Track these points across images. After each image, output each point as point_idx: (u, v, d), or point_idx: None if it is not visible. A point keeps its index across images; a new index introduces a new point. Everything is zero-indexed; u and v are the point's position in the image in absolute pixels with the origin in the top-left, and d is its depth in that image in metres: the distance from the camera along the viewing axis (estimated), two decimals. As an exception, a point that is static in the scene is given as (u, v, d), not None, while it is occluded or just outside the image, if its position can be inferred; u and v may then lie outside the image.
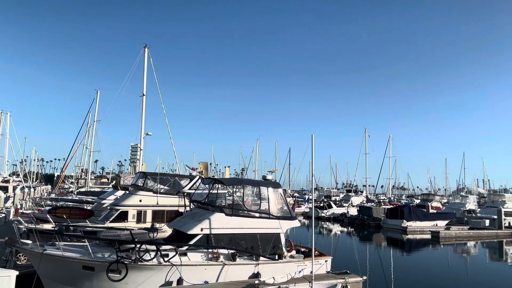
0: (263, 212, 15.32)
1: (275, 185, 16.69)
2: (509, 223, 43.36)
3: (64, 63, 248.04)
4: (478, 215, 50.55)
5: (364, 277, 15.88)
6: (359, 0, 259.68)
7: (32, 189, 50.82)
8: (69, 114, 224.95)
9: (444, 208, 63.88)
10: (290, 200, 57.24)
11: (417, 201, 77.88)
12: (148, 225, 20.22)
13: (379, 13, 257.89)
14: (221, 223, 14.24)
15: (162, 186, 24.26)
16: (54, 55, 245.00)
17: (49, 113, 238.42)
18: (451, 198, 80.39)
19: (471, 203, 59.86)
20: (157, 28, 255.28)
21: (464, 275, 22.92)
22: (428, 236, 38.77)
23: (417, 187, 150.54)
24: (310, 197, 73.78)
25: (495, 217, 43.81)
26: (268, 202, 15.53)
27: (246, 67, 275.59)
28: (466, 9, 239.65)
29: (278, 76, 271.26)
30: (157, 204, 22.97)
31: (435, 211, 55.89)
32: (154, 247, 12.64)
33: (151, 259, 12.42)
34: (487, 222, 43.97)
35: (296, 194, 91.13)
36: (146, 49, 33.69)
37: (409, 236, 40.10)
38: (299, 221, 17.09)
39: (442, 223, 45.30)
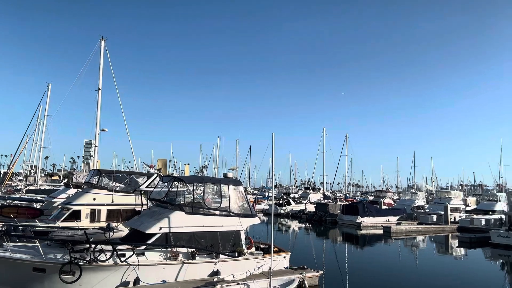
0: (224, 210, 15.34)
1: (236, 182, 16.75)
2: (455, 218, 46.25)
3: (12, 55, 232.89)
4: (426, 210, 53.48)
5: (321, 272, 16.40)
6: None
7: (-26, 187, 47.41)
8: (18, 108, 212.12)
9: (395, 204, 66.93)
10: (250, 198, 57.68)
11: (371, 198, 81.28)
12: (102, 224, 19.60)
13: (334, 12, 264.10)
14: (180, 222, 14.08)
15: (117, 184, 23.57)
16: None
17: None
18: (402, 194, 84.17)
19: (420, 200, 63.16)
20: (114, 24, 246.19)
21: (413, 267, 24.23)
22: (381, 231, 40.51)
23: (371, 184, 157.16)
24: (270, 194, 74.62)
25: (442, 212, 46.54)
26: (229, 200, 15.57)
27: (206, 65, 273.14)
28: (423, 10, 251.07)
29: (238, 75, 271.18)
30: (112, 202, 22.31)
31: (387, 207, 58.40)
32: (110, 247, 12.29)
33: (107, 259, 12.07)
34: (435, 217, 46.64)
35: (256, 192, 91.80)
36: (103, 42, 32.44)
37: (363, 231, 41.71)
38: (259, 218, 17.28)
39: (393, 219, 47.52)
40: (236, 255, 14.79)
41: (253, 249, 16.09)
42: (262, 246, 17.06)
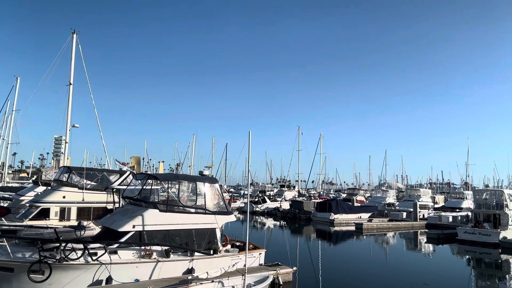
0: (199, 207, 15.29)
1: (212, 180, 16.73)
2: (423, 215, 47.79)
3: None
4: (396, 208, 54.99)
5: (295, 268, 16.64)
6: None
7: None
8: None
9: (367, 201, 68.48)
10: (226, 196, 57.63)
11: (344, 195, 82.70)
12: (72, 223, 19.13)
13: (316, 12, 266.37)
14: (154, 220, 13.93)
15: (88, 182, 23.02)
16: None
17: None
18: (373, 192, 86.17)
19: (391, 197, 64.95)
20: (87, 19, 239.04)
21: (384, 262, 24.93)
22: (353, 228, 41.45)
23: (344, 182, 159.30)
24: (246, 192, 74.80)
25: (411, 210, 47.90)
26: (205, 198, 15.53)
27: (181, 63, 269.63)
28: (401, 14, 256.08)
29: (214, 73, 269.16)
30: (83, 200, 21.80)
31: (359, 205, 59.72)
32: (81, 246, 12.03)
33: (78, 258, 11.81)
34: (404, 214, 48.01)
35: (232, 190, 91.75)
36: (75, 35, 31.51)
37: (336, 228, 42.52)
38: (235, 215, 17.34)
39: (365, 216, 48.67)
40: (212, 252, 14.77)
41: (229, 246, 16.12)
42: (237, 243, 17.11)
